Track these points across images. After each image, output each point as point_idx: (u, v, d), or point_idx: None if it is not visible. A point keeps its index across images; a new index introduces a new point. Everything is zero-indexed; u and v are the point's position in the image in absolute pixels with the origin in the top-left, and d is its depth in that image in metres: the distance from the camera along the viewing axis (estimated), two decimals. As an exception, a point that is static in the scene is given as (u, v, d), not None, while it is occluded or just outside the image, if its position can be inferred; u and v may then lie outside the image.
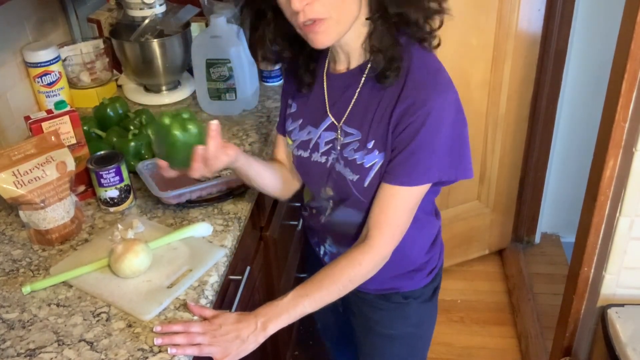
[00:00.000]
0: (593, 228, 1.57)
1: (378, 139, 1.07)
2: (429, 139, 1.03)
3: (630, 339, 1.50)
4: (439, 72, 1.05)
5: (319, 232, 1.31)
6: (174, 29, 1.74)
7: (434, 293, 1.33)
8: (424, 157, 1.04)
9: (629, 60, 1.35)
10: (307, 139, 1.18)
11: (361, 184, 1.11)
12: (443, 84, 1.04)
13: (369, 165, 1.09)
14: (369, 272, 1.12)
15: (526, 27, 2.16)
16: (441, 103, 1.02)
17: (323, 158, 1.17)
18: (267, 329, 1.06)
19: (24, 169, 1.17)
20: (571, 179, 2.56)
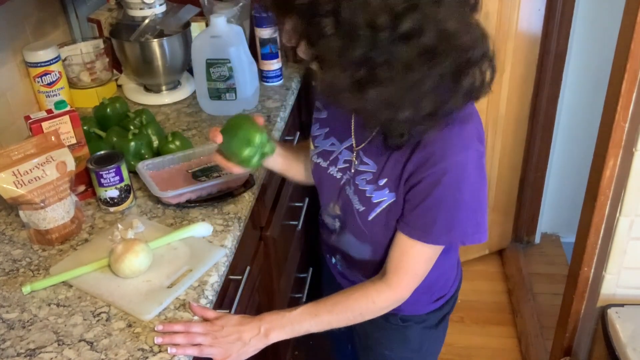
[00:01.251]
0: (593, 228, 1.57)
1: (391, 179, 1.02)
2: (447, 198, 0.97)
3: (630, 339, 1.50)
4: (466, 122, 0.96)
5: (331, 247, 1.29)
6: (174, 29, 1.74)
7: (441, 321, 1.28)
8: (444, 215, 0.99)
9: (629, 60, 1.35)
10: (330, 150, 1.15)
11: (366, 216, 1.08)
12: (467, 138, 0.95)
13: (377, 201, 1.05)
14: (382, 310, 1.11)
15: (526, 27, 2.16)
16: (461, 160, 0.95)
17: (339, 174, 1.13)
18: (269, 336, 1.06)
19: (24, 168, 1.17)
20: (571, 179, 2.56)
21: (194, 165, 1.40)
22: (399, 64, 0.82)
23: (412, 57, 0.82)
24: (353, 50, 0.82)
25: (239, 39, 1.62)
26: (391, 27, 0.80)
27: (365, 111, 0.92)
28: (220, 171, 1.37)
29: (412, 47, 0.82)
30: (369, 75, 0.84)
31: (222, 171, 1.37)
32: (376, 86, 0.85)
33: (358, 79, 0.85)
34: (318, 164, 1.17)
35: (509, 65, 2.21)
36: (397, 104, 0.87)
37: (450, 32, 0.83)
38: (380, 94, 0.85)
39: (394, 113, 0.88)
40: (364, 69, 0.84)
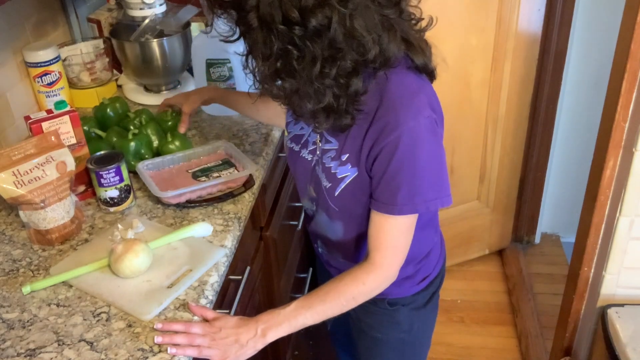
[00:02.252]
0: (593, 228, 1.57)
1: (352, 153, 1.06)
2: (405, 164, 1.00)
3: (630, 339, 1.50)
4: (416, 94, 1.01)
5: (313, 234, 1.33)
6: (174, 29, 1.74)
7: (429, 300, 1.31)
8: (404, 183, 1.02)
9: (629, 60, 1.35)
10: (300, 134, 1.19)
11: (332, 192, 1.11)
12: (417, 106, 1.00)
13: (341, 177, 1.09)
14: (373, 290, 1.12)
15: (526, 27, 2.16)
16: (413, 126, 0.99)
17: (309, 156, 1.17)
18: (266, 336, 1.06)
19: (24, 168, 1.17)
20: (571, 179, 2.56)
21: (194, 165, 1.40)
22: (308, 58, 0.90)
23: (318, 52, 0.89)
24: (272, 43, 0.90)
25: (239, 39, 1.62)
26: (302, 22, 0.87)
27: (283, 99, 0.99)
28: (220, 171, 1.37)
29: (320, 42, 0.89)
30: (284, 67, 0.92)
31: (222, 171, 1.37)
32: (289, 77, 0.93)
33: (276, 70, 0.93)
34: (292, 148, 1.22)
35: (509, 65, 2.21)
36: (302, 95, 0.95)
37: (356, 31, 0.89)
38: (292, 85, 0.94)
39: (302, 103, 0.97)
40: (280, 61, 0.91)
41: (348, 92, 0.96)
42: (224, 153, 1.45)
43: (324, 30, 0.88)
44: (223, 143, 1.46)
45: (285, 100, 0.99)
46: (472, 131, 2.33)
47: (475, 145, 2.37)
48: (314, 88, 0.94)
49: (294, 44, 0.89)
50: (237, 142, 1.55)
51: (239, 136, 1.58)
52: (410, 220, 1.07)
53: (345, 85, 0.95)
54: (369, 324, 1.34)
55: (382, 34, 0.93)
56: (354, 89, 0.96)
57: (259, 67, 0.95)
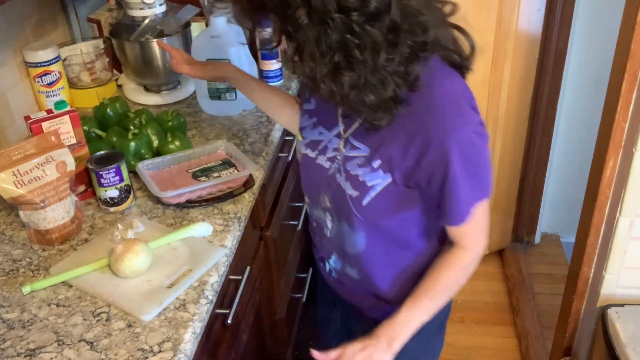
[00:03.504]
0: (593, 228, 1.57)
1: (385, 160, 1.01)
2: (463, 173, 0.97)
3: (630, 339, 1.50)
4: (461, 98, 0.98)
5: (324, 246, 1.25)
6: (174, 29, 1.74)
7: (438, 332, 1.27)
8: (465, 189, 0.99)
9: (629, 60, 1.35)
10: (318, 140, 1.13)
11: (359, 201, 1.06)
12: (464, 113, 0.96)
13: (371, 184, 1.03)
14: (470, 272, 1.12)
15: (526, 27, 2.16)
16: (465, 134, 0.95)
17: (327, 164, 1.11)
18: (393, 346, 1.07)
19: (24, 168, 1.17)
20: (571, 179, 2.56)
21: (194, 165, 1.40)
22: (369, 45, 0.85)
23: (380, 38, 0.85)
24: (328, 37, 0.85)
25: (239, 39, 1.62)
26: (360, 6, 0.82)
27: (342, 97, 0.93)
28: (220, 171, 1.37)
29: (380, 26, 0.84)
30: (344, 60, 0.87)
31: (222, 171, 1.37)
32: (350, 70, 0.88)
33: (335, 65, 0.87)
34: (306, 155, 1.16)
35: (508, 64, 2.21)
36: (364, 86, 0.90)
37: (413, 9, 0.86)
38: (352, 78, 0.88)
39: (362, 95, 0.91)
40: (339, 54, 0.86)
41: (408, 79, 0.92)
42: (224, 153, 1.45)
43: (383, 12, 0.84)
44: (223, 143, 1.46)
45: (341, 98, 0.93)
46: (472, 131, 2.32)
47: (475, 145, 2.37)
48: (377, 77, 0.89)
49: (352, 32, 0.84)
50: (237, 142, 1.55)
51: (239, 136, 1.58)
52: (484, 203, 1.05)
53: (405, 72, 0.90)
54: None
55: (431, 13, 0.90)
56: (414, 76, 0.92)
57: (313, 66, 0.89)
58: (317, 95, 1.13)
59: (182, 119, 1.56)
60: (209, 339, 1.15)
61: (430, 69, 0.95)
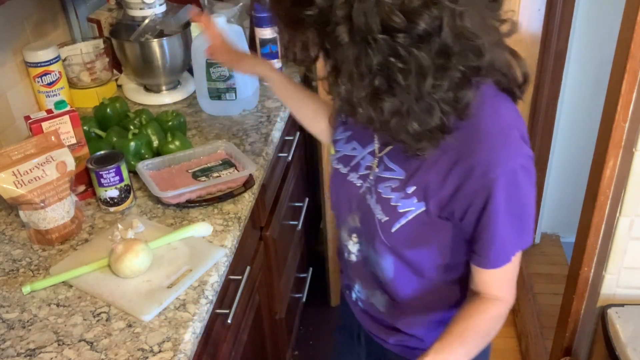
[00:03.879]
0: (593, 228, 1.57)
1: (421, 187, 0.93)
2: (500, 210, 0.89)
3: (630, 339, 1.50)
4: (511, 128, 0.89)
5: (348, 274, 1.18)
6: (174, 29, 1.74)
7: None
8: (506, 231, 0.91)
9: (629, 60, 1.35)
10: (351, 155, 1.05)
11: (389, 227, 0.97)
12: (514, 145, 0.87)
13: (403, 211, 0.95)
14: (500, 322, 1.02)
15: (526, 27, 2.16)
16: (512, 168, 0.87)
17: (359, 182, 1.03)
18: None
19: (24, 168, 1.17)
20: (571, 179, 2.56)
21: (194, 165, 1.40)
22: (415, 69, 0.77)
23: (428, 62, 0.77)
24: (369, 58, 0.77)
25: (239, 39, 1.62)
26: (407, 28, 0.74)
27: (381, 124, 0.85)
28: (220, 171, 1.37)
29: (428, 50, 0.76)
30: (385, 85, 0.79)
31: (222, 171, 1.37)
32: (392, 95, 0.80)
33: (374, 89, 0.80)
34: (337, 170, 1.08)
35: (509, 65, 2.21)
36: (407, 114, 0.82)
37: (467, 31, 0.77)
38: (393, 104, 0.80)
39: (405, 123, 0.83)
40: (380, 77, 0.78)
41: (458, 107, 0.83)
42: (224, 153, 1.45)
43: (433, 34, 0.75)
44: (223, 143, 1.46)
45: (381, 125, 0.85)
46: (472, 131, 2.32)
47: (475, 145, 2.37)
48: (422, 105, 0.81)
49: (397, 55, 0.76)
50: (237, 142, 1.55)
51: (239, 136, 1.58)
52: (517, 257, 0.96)
53: (454, 99, 0.82)
54: None
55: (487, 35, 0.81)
56: (464, 103, 0.83)
57: (351, 89, 0.81)
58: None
59: (182, 119, 1.56)
60: (209, 339, 1.15)
61: (481, 93, 0.86)
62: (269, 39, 1.77)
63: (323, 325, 2.31)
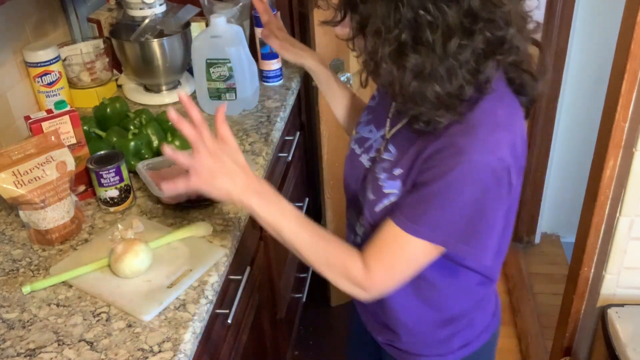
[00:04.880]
0: (593, 228, 1.57)
1: (405, 169, 0.93)
2: (446, 193, 0.86)
3: (630, 339, 1.50)
4: (501, 128, 0.87)
5: None
6: (174, 29, 1.74)
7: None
8: (434, 209, 0.88)
9: (629, 60, 1.35)
10: (367, 137, 1.07)
11: (373, 206, 0.98)
12: (494, 143, 0.85)
13: (387, 192, 0.96)
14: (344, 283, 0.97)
15: (526, 27, 2.16)
16: (477, 162, 0.84)
17: (368, 163, 1.04)
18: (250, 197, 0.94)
19: (24, 168, 1.17)
20: (571, 179, 2.56)
21: (194, 165, 1.40)
22: (442, 27, 0.78)
23: (455, 21, 0.78)
24: (398, 12, 0.78)
25: (239, 39, 1.62)
26: None
27: (401, 86, 0.85)
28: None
29: (457, 9, 0.78)
30: (412, 40, 0.80)
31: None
32: (416, 52, 0.80)
33: (400, 45, 0.80)
34: (353, 150, 1.09)
35: (509, 65, 2.21)
36: (429, 75, 0.82)
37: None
38: (417, 62, 0.81)
39: (425, 86, 0.83)
40: (407, 32, 0.79)
41: (479, 78, 0.83)
42: (224, 153, 1.44)
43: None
44: (223, 143, 1.46)
45: (401, 87, 0.84)
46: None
47: (475, 145, 2.37)
48: (444, 66, 0.81)
49: (426, 9, 0.77)
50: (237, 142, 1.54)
51: (239, 136, 1.58)
52: (424, 250, 0.92)
53: (476, 68, 0.82)
54: None
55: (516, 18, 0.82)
56: (485, 76, 0.83)
57: (376, 43, 0.81)
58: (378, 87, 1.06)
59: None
60: (209, 339, 1.15)
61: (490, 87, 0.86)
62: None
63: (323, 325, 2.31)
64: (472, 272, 1.04)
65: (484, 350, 1.15)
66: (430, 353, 1.13)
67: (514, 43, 0.84)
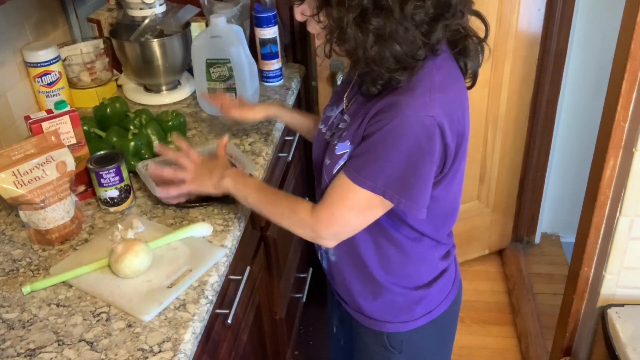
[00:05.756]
0: (593, 228, 1.57)
1: (354, 128, 1.04)
2: (382, 145, 0.97)
3: (630, 339, 1.50)
4: (437, 91, 0.97)
5: None
6: (174, 29, 1.74)
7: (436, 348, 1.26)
8: (374, 159, 0.98)
9: (629, 60, 1.35)
10: (329, 116, 1.17)
11: (331, 169, 1.07)
12: (428, 102, 0.96)
13: (340, 154, 1.05)
14: (297, 228, 1.12)
15: (526, 27, 2.16)
16: (410, 116, 0.95)
17: (330, 138, 1.13)
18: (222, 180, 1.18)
19: (24, 168, 1.17)
20: (571, 179, 2.56)
21: (194, 165, 1.40)
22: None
23: None
24: None
25: (239, 39, 1.62)
26: None
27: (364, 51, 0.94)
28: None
29: None
30: (373, 5, 0.90)
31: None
32: (377, 17, 0.90)
33: (362, 10, 0.90)
34: (320, 129, 1.18)
35: (508, 65, 2.21)
36: (389, 36, 0.92)
37: None
38: (378, 24, 0.91)
39: (385, 48, 0.93)
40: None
41: (431, 39, 0.94)
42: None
43: None
44: (223, 143, 1.46)
45: (364, 52, 0.94)
46: (472, 131, 2.30)
47: (475, 145, 2.37)
48: (403, 27, 0.91)
49: None
50: (237, 142, 1.55)
51: (239, 136, 1.58)
52: (367, 200, 1.01)
53: (428, 31, 0.93)
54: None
55: None
56: (435, 39, 0.94)
57: (341, 12, 0.91)
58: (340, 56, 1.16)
59: (182, 119, 1.56)
60: (209, 339, 1.15)
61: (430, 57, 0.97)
62: (269, 39, 1.77)
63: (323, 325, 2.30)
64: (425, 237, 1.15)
65: (445, 316, 1.24)
66: (394, 319, 1.21)
67: (458, 8, 0.95)
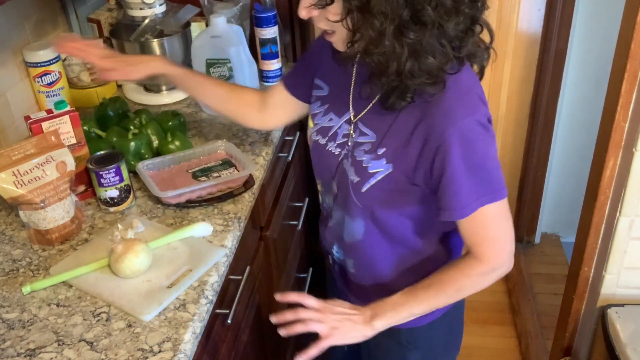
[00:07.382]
0: (593, 228, 1.57)
1: (390, 149, 1.02)
2: (462, 163, 0.96)
3: (630, 339, 1.50)
4: (469, 91, 0.98)
5: (327, 237, 1.27)
6: (174, 29, 1.74)
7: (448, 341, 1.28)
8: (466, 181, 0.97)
9: (629, 60, 1.35)
10: (328, 126, 1.14)
11: (359, 187, 1.06)
12: (469, 106, 0.96)
13: (373, 172, 1.04)
14: (479, 283, 1.09)
15: (526, 27, 2.16)
16: (466, 124, 0.95)
17: (337, 150, 1.12)
18: (374, 323, 1.07)
19: (24, 168, 1.17)
20: (571, 179, 2.56)
21: (194, 165, 1.40)
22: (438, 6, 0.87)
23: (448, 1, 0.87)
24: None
25: (239, 39, 1.62)
26: None
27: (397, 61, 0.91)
28: (220, 171, 1.37)
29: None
30: (411, 18, 0.87)
31: (222, 171, 1.37)
32: (414, 30, 0.88)
33: (400, 23, 0.88)
34: (317, 141, 1.16)
35: (509, 65, 2.21)
36: (423, 50, 0.90)
37: None
38: (416, 37, 0.88)
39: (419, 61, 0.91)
40: (407, 11, 0.87)
41: (461, 53, 0.95)
42: (224, 153, 1.45)
43: None
44: (223, 143, 1.46)
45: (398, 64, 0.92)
46: (472, 131, 2.32)
47: (475, 145, 2.37)
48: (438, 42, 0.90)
49: None
50: (237, 142, 1.55)
51: (239, 136, 1.58)
52: (499, 209, 1.01)
53: (460, 46, 0.94)
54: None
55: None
56: (466, 52, 0.95)
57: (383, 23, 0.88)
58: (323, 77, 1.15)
59: (182, 119, 1.56)
60: (209, 339, 1.15)
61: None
62: (269, 39, 1.77)
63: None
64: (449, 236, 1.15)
65: (455, 307, 1.24)
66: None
67: (481, 20, 0.96)
